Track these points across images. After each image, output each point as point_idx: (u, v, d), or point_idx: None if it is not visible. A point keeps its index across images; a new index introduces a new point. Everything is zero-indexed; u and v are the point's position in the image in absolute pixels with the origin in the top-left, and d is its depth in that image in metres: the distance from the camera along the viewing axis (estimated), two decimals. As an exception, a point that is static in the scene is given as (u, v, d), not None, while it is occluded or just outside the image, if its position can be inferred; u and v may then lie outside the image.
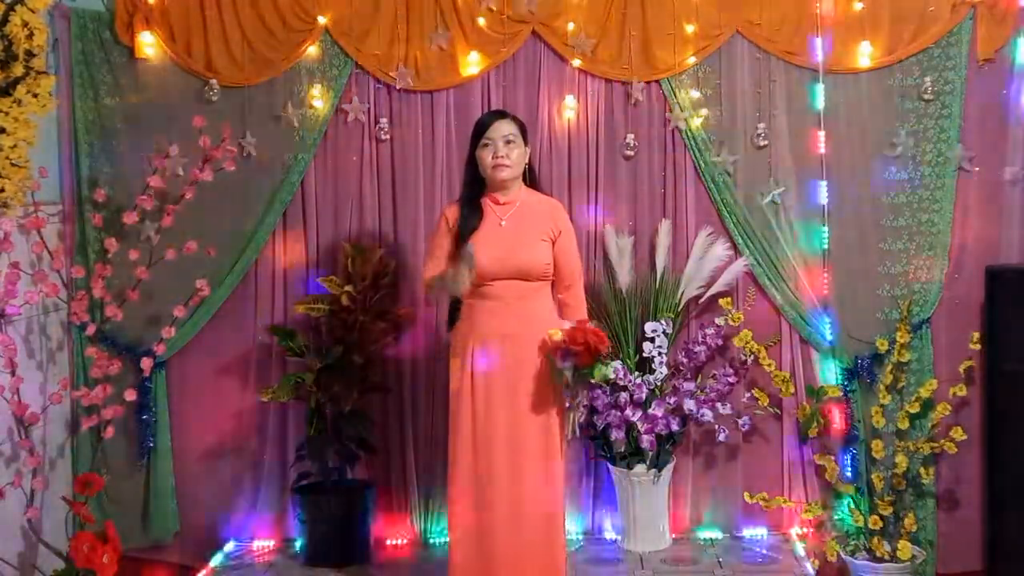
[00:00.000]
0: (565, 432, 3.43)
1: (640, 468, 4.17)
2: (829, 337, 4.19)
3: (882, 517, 3.96)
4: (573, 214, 4.07)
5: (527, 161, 3.47)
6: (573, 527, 4.32)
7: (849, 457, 4.16)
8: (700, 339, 4.21)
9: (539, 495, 3.31)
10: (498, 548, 3.27)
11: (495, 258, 3.31)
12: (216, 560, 4.27)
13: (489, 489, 3.29)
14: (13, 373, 3.59)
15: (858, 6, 4.14)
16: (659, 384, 4.18)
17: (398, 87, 4.29)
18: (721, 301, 4.19)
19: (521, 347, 3.32)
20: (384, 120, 4.32)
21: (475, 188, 3.43)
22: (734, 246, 4.25)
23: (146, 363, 4.12)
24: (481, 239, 3.32)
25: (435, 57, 4.27)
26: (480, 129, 3.42)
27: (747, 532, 4.35)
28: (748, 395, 4.25)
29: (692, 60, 4.22)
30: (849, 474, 4.13)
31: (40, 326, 4.03)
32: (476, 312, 3.37)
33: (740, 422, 4.23)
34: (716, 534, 4.36)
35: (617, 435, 4.13)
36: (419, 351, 4.37)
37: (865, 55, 4.14)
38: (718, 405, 4.16)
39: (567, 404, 3.44)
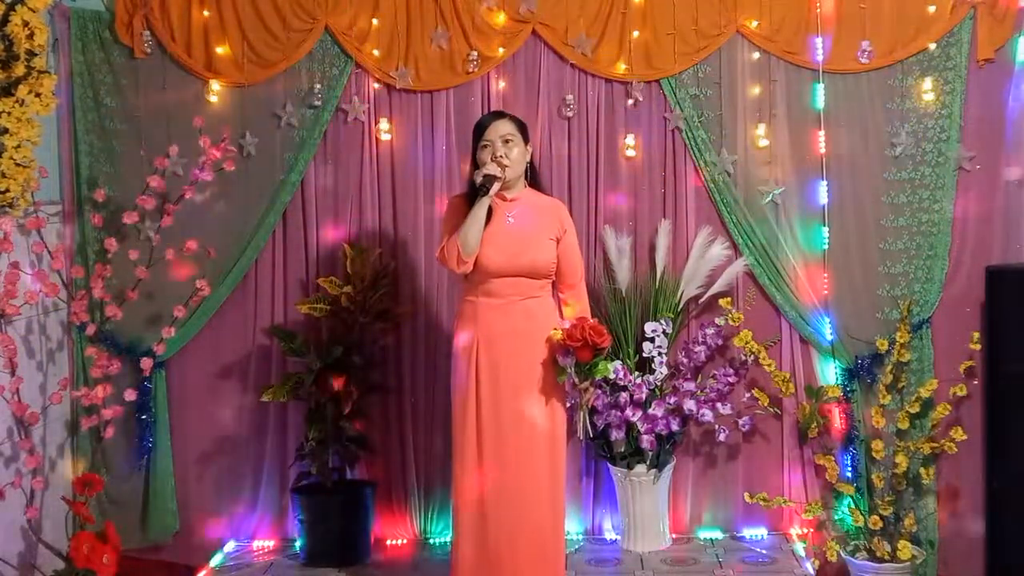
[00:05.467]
0: (577, 432, 3.45)
1: (640, 468, 4.17)
2: (829, 337, 4.19)
3: (882, 517, 3.96)
4: (573, 214, 4.07)
5: (529, 160, 3.47)
6: (573, 527, 4.32)
7: (849, 457, 4.16)
8: (700, 339, 4.22)
9: (542, 493, 3.31)
10: (501, 547, 3.28)
11: (504, 255, 3.32)
12: (216, 560, 4.28)
13: (496, 488, 3.29)
14: (13, 373, 3.59)
15: (858, 6, 4.14)
16: (659, 384, 4.18)
17: (398, 87, 4.29)
18: (721, 301, 4.19)
19: (525, 345, 3.33)
20: (384, 120, 4.32)
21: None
22: (734, 246, 4.26)
23: (146, 363, 4.11)
24: (489, 236, 3.32)
25: (435, 57, 4.27)
26: (479, 130, 3.42)
27: (747, 532, 4.35)
28: (748, 395, 4.25)
29: (692, 60, 4.22)
30: (849, 474, 4.13)
31: (40, 326, 4.03)
32: (480, 310, 3.37)
33: (740, 422, 4.23)
34: (716, 534, 4.36)
35: (617, 435, 4.13)
36: (419, 351, 4.36)
37: (865, 55, 4.14)
38: (718, 405, 4.16)
39: (573, 403, 3.46)
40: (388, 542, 4.40)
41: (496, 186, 3.30)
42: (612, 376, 4.05)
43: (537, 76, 4.31)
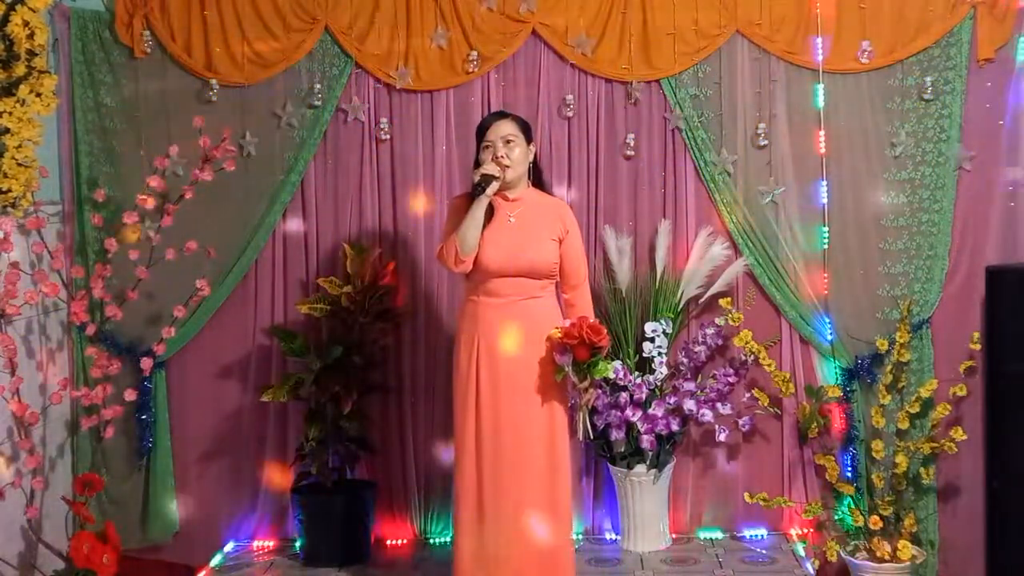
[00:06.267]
0: (577, 434, 3.44)
1: (640, 468, 4.17)
2: (829, 337, 4.19)
3: (882, 517, 3.96)
4: (573, 214, 4.08)
5: (532, 160, 3.47)
6: (573, 527, 4.31)
7: (849, 457, 4.16)
8: (700, 339, 4.22)
9: (544, 493, 3.31)
10: (500, 548, 3.27)
11: (504, 254, 3.32)
12: (216, 560, 4.28)
13: (494, 488, 3.29)
14: (13, 373, 3.59)
15: (858, 6, 4.15)
16: (659, 384, 4.19)
17: (398, 87, 4.29)
18: (721, 301, 4.19)
19: (526, 345, 3.32)
20: (384, 120, 4.32)
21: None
22: (734, 246, 4.26)
23: (146, 363, 4.12)
24: (490, 235, 3.33)
25: (435, 57, 4.27)
26: (481, 131, 3.43)
27: (747, 532, 4.35)
28: (748, 395, 4.25)
29: (692, 60, 4.22)
30: (849, 474, 4.13)
31: (40, 326, 4.03)
32: (481, 310, 3.37)
33: (740, 422, 4.23)
34: (716, 534, 4.36)
35: (617, 435, 4.13)
36: (419, 351, 4.36)
37: (865, 55, 4.15)
38: (718, 405, 4.16)
39: (574, 403, 3.46)
40: (388, 542, 4.40)
41: (494, 185, 3.30)
42: (612, 376, 4.05)
43: (537, 76, 4.31)
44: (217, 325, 4.35)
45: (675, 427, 4.13)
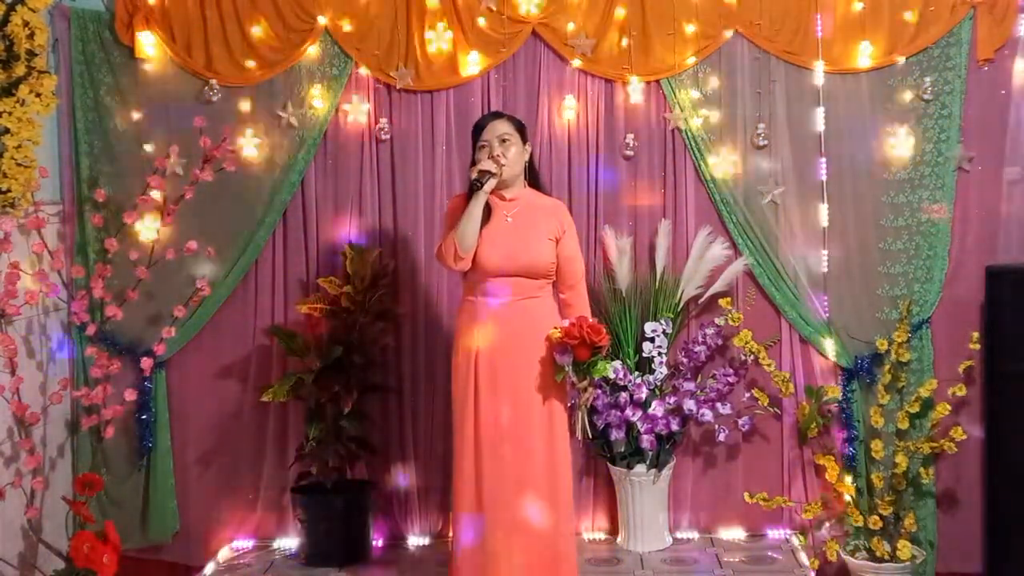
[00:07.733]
0: (576, 433, 3.45)
1: (640, 468, 4.17)
2: (828, 336, 4.19)
3: (882, 517, 3.97)
4: (573, 214, 4.07)
5: (527, 160, 3.47)
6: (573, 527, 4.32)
7: (849, 457, 4.16)
8: (700, 339, 4.22)
9: (545, 493, 3.31)
10: (499, 548, 3.27)
11: (502, 254, 3.33)
12: (216, 560, 4.27)
13: (494, 487, 3.29)
14: (13, 373, 3.59)
15: (858, 6, 4.15)
16: (659, 384, 4.19)
17: (398, 87, 4.29)
18: (721, 301, 4.19)
19: (525, 345, 3.33)
20: (384, 120, 4.32)
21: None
22: (734, 246, 4.26)
23: (146, 363, 4.12)
24: (488, 235, 3.33)
25: (435, 57, 4.27)
26: (477, 131, 3.44)
27: (747, 532, 4.35)
28: (748, 395, 4.25)
29: (692, 60, 4.22)
30: (849, 474, 4.13)
31: (40, 326, 4.03)
32: (480, 309, 3.37)
33: (740, 422, 4.23)
34: (716, 534, 4.36)
35: (617, 435, 4.13)
36: (419, 351, 4.36)
37: (865, 55, 4.15)
38: (718, 405, 4.16)
39: (573, 402, 3.46)
40: (388, 542, 4.40)
41: (492, 182, 3.30)
42: (612, 376, 4.06)
43: (537, 76, 4.31)
44: (217, 325, 4.35)
45: (675, 427, 4.13)
